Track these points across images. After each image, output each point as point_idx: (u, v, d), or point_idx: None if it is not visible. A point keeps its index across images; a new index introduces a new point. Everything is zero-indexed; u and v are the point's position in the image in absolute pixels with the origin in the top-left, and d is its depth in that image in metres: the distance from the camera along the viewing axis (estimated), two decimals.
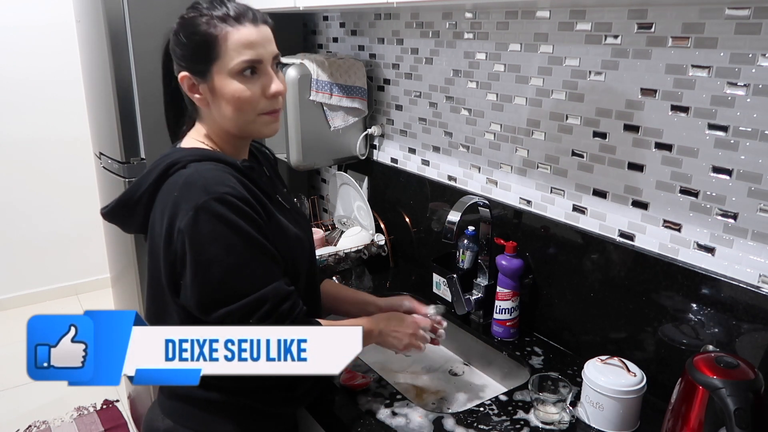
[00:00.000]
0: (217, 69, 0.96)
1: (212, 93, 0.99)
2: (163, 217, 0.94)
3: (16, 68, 3.21)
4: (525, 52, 1.36)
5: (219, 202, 0.91)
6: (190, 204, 0.91)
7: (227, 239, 0.92)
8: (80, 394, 2.67)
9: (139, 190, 0.99)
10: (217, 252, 0.91)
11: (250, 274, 0.94)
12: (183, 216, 0.91)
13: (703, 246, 1.09)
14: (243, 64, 0.96)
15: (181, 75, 0.99)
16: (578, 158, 1.29)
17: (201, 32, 0.95)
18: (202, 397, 1.03)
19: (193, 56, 0.97)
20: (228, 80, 0.96)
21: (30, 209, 3.43)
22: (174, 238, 0.93)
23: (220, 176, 0.94)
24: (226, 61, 0.96)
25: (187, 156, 0.98)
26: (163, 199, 0.96)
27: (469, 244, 1.48)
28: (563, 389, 1.12)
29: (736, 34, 0.98)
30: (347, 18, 1.96)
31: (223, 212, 0.91)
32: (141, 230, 1.05)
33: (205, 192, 0.91)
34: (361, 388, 1.20)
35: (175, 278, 0.96)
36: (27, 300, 3.50)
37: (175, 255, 0.93)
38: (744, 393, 0.86)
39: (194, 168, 0.95)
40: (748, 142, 1.00)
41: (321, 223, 2.15)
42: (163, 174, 0.97)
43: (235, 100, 0.97)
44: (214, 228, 0.91)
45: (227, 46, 0.95)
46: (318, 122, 1.79)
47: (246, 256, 0.94)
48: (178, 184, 0.94)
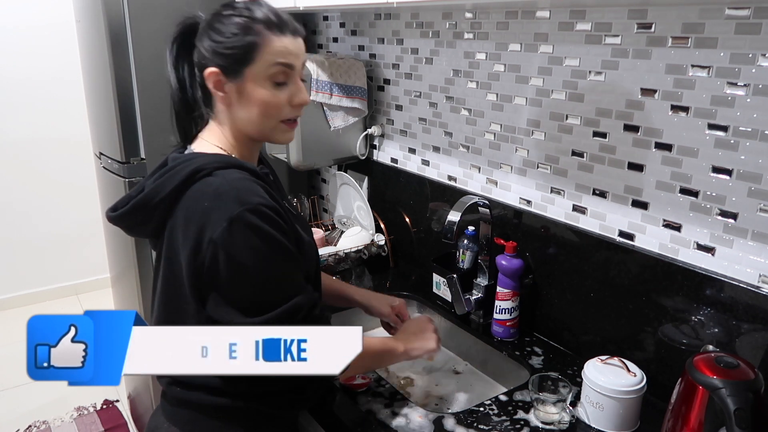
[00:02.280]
0: (251, 72, 0.96)
1: (240, 94, 0.98)
2: (189, 225, 0.92)
3: (16, 68, 3.21)
4: (525, 52, 1.36)
5: (253, 213, 0.90)
6: (223, 215, 0.90)
7: (262, 250, 0.92)
8: (80, 394, 2.67)
9: (158, 195, 0.96)
10: (253, 263, 0.91)
11: (285, 284, 0.95)
12: (216, 227, 0.90)
13: (703, 246, 1.09)
14: (279, 74, 0.97)
15: (210, 70, 0.97)
16: (578, 158, 1.29)
17: (243, 34, 0.95)
18: (209, 403, 1.01)
19: (230, 55, 0.96)
20: (258, 85, 0.97)
21: (30, 209, 3.43)
22: (203, 247, 0.91)
23: (250, 186, 0.94)
24: (262, 67, 0.96)
25: (211, 162, 0.96)
26: (190, 207, 0.94)
27: (469, 244, 1.48)
28: (563, 389, 1.12)
29: (736, 34, 0.98)
30: (347, 18, 1.96)
31: (258, 223, 0.90)
32: (151, 235, 1.02)
33: (238, 203, 0.90)
34: (361, 388, 1.20)
35: (200, 289, 0.94)
36: (27, 300, 3.50)
37: (203, 266, 0.92)
38: (744, 393, 0.86)
39: (222, 176, 0.94)
40: (748, 142, 1.00)
41: (321, 223, 2.15)
42: (187, 180, 0.95)
43: (263, 105, 0.98)
44: (249, 239, 0.90)
45: (267, 52, 0.96)
46: (318, 122, 1.79)
47: (280, 267, 0.94)
48: (208, 193, 0.93)
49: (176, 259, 0.96)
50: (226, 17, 0.97)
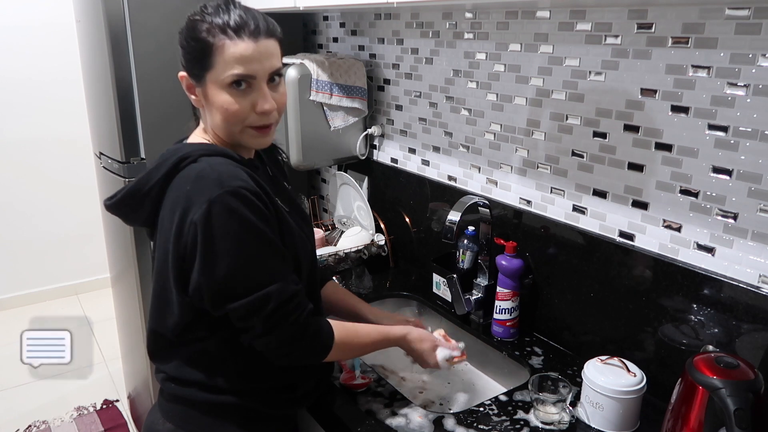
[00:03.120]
0: (210, 77, 0.97)
1: (205, 98, 1.00)
2: (174, 210, 0.94)
3: (16, 68, 3.21)
4: (525, 52, 1.36)
5: (233, 195, 0.91)
6: (203, 197, 0.91)
7: (238, 234, 0.92)
8: (80, 394, 2.67)
9: (148, 183, 0.99)
10: (228, 246, 0.92)
11: (257, 271, 0.94)
12: (197, 209, 0.91)
13: (703, 246, 1.09)
14: (233, 78, 0.95)
15: (181, 74, 1.01)
16: (578, 158, 1.29)
17: (200, 38, 0.95)
18: (204, 399, 1.02)
19: (191, 60, 0.98)
20: (219, 90, 0.97)
21: (30, 209, 3.43)
22: (185, 231, 0.93)
23: (232, 170, 0.95)
24: (219, 72, 0.95)
25: (197, 150, 0.98)
26: (175, 192, 0.96)
27: (469, 244, 1.48)
28: (563, 389, 1.12)
29: (736, 34, 0.98)
30: (347, 18, 1.96)
31: (237, 206, 0.91)
32: (145, 224, 1.05)
33: (219, 185, 0.91)
34: (361, 388, 1.20)
35: (183, 272, 0.96)
36: (27, 300, 3.50)
37: (185, 248, 0.93)
38: (744, 393, 0.86)
39: (206, 162, 0.96)
40: (748, 142, 1.00)
41: (321, 223, 2.15)
42: (174, 168, 0.97)
43: (223, 111, 0.98)
44: (227, 222, 0.91)
45: (222, 57, 0.94)
46: (318, 122, 1.79)
47: (255, 252, 0.94)
48: (191, 177, 0.95)
49: (165, 247, 0.97)
50: (192, 22, 0.97)
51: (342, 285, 1.72)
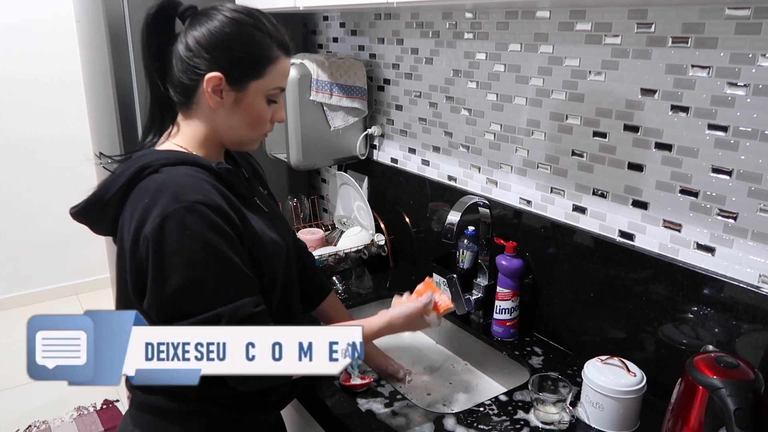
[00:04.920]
0: (255, 85, 0.97)
1: (236, 103, 0.98)
2: (132, 221, 0.91)
3: (16, 68, 3.21)
4: (525, 52, 1.36)
5: (188, 211, 0.87)
6: (158, 211, 0.87)
7: (190, 251, 0.88)
8: (80, 394, 2.67)
9: (108, 192, 0.95)
10: (179, 263, 0.88)
11: (209, 290, 0.89)
12: (150, 223, 0.88)
13: (703, 246, 1.09)
14: (278, 91, 1.01)
15: (214, 75, 0.95)
16: (578, 158, 1.29)
17: (259, 48, 0.96)
18: (171, 408, 0.99)
19: (239, 65, 0.96)
20: (260, 100, 0.99)
21: (30, 209, 3.43)
22: (140, 244, 0.89)
23: (193, 183, 0.91)
24: (267, 83, 0.98)
25: (159, 159, 0.94)
26: (134, 203, 0.92)
27: (469, 244, 1.48)
28: (563, 389, 1.12)
29: (736, 34, 0.98)
30: (347, 18, 1.96)
31: (190, 222, 0.87)
32: (110, 232, 1.00)
33: (175, 200, 0.88)
34: (360, 388, 1.21)
35: (139, 284, 0.92)
36: (27, 300, 3.50)
37: (140, 261, 0.90)
38: (744, 393, 0.86)
39: (167, 173, 0.92)
40: (748, 142, 1.00)
41: (321, 223, 2.15)
42: (134, 177, 0.93)
43: (255, 119, 1.00)
44: (179, 238, 0.87)
45: (274, 70, 0.98)
46: (318, 122, 1.79)
47: (207, 271, 0.89)
48: (150, 189, 0.91)
49: (124, 256, 0.94)
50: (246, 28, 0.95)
51: (342, 285, 1.72)
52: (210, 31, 0.95)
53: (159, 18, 0.99)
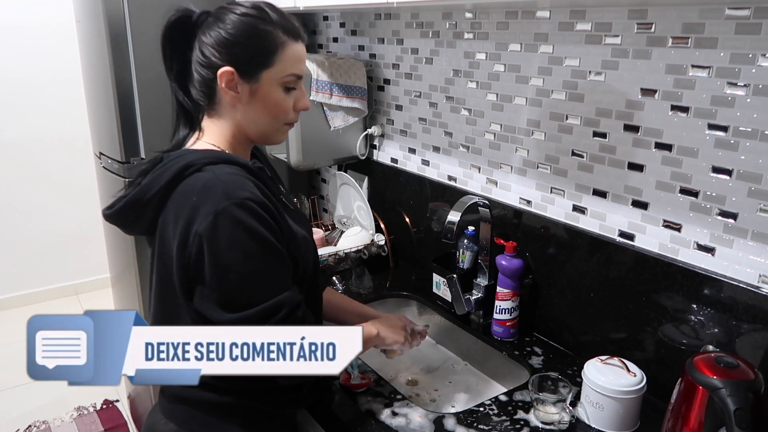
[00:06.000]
0: (267, 75, 0.98)
1: (252, 95, 0.99)
2: (178, 220, 0.93)
3: (16, 68, 3.21)
4: (525, 52, 1.36)
5: (239, 207, 0.91)
6: (210, 209, 0.90)
7: (246, 245, 0.92)
8: (80, 394, 2.67)
9: (149, 192, 0.97)
10: (237, 258, 0.91)
11: (267, 281, 0.94)
12: (202, 220, 0.90)
13: (703, 246, 1.09)
14: (292, 77, 1.00)
15: (225, 69, 0.97)
16: (578, 158, 1.29)
17: (263, 37, 0.97)
18: (206, 399, 1.01)
19: (248, 57, 0.97)
20: (276, 88, 1.00)
21: (30, 209, 3.43)
22: (189, 241, 0.91)
23: (239, 181, 0.94)
24: (278, 71, 0.98)
25: (201, 158, 0.96)
26: (179, 202, 0.94)
27: (469, 244, 1.48)
28: (563, 389, 1.12)
29: (736, 34, 0.98)
30: (347, 18, 1.96)
31: (243, 217, 0.91)
32: (146, 232, 1.03)
33: (225, 197, 0.91)
34: (361, 388, 1.21)
35: (188, 282, 0.94)
36: (27, 300, 3.50)
37: (189, 259, 0.92)
38: (744, 393, 0.86)
39: (212, 171, 0.94)
40: (748, 142, 1.00)
41: (321, 223, 2.15)
42: (178, 176, 0.95)
43: (274, 108, 1.01)
44: (234, 233, 0.90)
45: (284, 57, 0.98)
46: (318, 122, 1.79)
47: (263, 263, 0.94)
48: (197, 188, 0.93)
49: (168, 255, 0.96)
50: (250, 19, 0.97)
51: (342, 285, 1.72)
52: (219, 30, 0.98)
53: (175, 31, 1.02)
